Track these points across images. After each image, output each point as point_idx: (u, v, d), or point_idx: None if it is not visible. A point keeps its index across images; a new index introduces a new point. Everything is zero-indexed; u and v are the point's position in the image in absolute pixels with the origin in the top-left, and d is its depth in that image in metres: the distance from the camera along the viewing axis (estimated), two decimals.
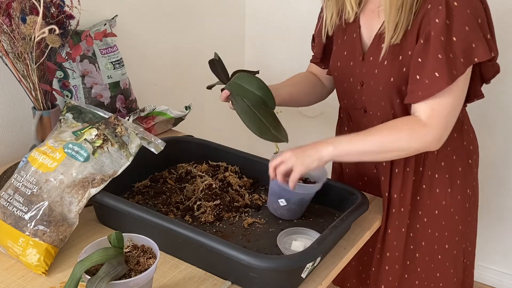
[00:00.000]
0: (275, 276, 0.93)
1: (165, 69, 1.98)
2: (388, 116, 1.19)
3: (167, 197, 1.25)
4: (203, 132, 1.70)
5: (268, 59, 2.41)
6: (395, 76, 1.14)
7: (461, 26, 1.04)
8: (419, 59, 1.08)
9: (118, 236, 0.86)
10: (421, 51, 1.08)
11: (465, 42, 1.05)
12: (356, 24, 1.22)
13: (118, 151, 1.10)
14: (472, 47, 1.05)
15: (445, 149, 1.22)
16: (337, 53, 1.27)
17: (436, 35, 1.05)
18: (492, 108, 1.97)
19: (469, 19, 1.04)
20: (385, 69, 1.15)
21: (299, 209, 1.20)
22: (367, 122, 1.25)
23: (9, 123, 1.46)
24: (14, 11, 1.16)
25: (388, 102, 1.18)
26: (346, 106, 1.31)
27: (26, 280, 0.98)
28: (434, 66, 1.05)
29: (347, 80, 1.25)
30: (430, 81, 1.06)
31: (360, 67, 1.21)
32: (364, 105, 1.24)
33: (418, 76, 1.09)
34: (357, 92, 1.24)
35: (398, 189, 1.24)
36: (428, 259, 1.29)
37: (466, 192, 1.28)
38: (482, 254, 2.22)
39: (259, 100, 1.10)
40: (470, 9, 1.05)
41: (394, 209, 1.25)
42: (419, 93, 1.09)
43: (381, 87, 1.17)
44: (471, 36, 1.05)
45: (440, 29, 1.04)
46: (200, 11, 2.07)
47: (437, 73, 1.05)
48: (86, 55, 1.51)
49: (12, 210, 1.03)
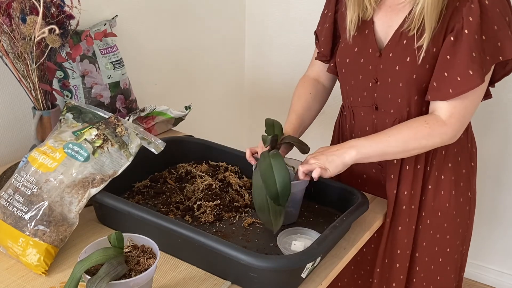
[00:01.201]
0: (275, 276, 0.93)
1: (165, 69, 1.98)
2: (402, 113, 1.19)
3: (167, 197, 1.25)
4: (203, 132, 1.70)
5: (268, 59, 2.41)
6: (418, 72, 1.13)
7: (491, 25, 1.05)
8: (447, 56, 1.08)
9: (118, 236, 0.86)
10: (450, 48, 1.08)
11: (493, 41, 1.06)
12: (369, 21, 1.20)
13: (118, 151, 1.10)
14: (498, 46, 1.06)
15: (453, 150, 1.22)
16: (346, 49, 1.24)
17: (470, 33, 1.05)
18: (491, 107, 1.97)
19: (499, 18, 1.05)
20: (407, 65, 1.13)
21: (294, 210, 1.19)
22: (376, 120, 1.24)
23: (9, 123, 1.46)
24: (14, 11, 1.16)
25: (405, 99, 1.17)
26: (352, 103, 1.29)
27: (26, 280, 0.98)
28: (468, 63, 1.05)
29: (356, 77, 1.24)
30: (462, 79, 1.06)
31: (375, 63, 1.19)
32: (375, 102, 1.22)
33: (446, 73, 1.08)
34: (368, 89, 1.22)
35: (408, 186, 1.23)
36: (427, 260, 1.29)
37: (467, 195, 1.28)
38: (481, 254, 2.22)
39: (274, 192, 1.07)
40: (500, 8, 1.06)
41: (405, 206, 1.24)
42: (449, 91, 1.08)
43: (402, 84, 1.15)
44: (499, 35, 1.06)
45: (475, 28, 1.05)
46: (200, 11, 2.07)
47: (471, 71, 1.06)
48: (86, 55, 1.51)
49: (12, 210, 1.03)
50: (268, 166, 1.09)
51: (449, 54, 1.08)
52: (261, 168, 1.09)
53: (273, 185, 1.07)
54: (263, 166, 1.09)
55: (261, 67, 2.43)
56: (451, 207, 1.25)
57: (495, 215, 2.14)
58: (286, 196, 1.07)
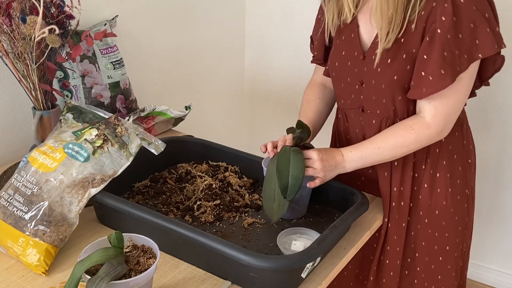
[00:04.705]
0: (275, 276, 0.93)
1: (165, 69, 1.98)
2: (389, 112, 1.20)
3: (167, 197, 1.26)
4: (203, 132, 1.70)
5: (268, 59, 2.41)
6: (399, 74, 1.14)
7: (467, 23, 1.05)
8: (424, 56, 1.09)
9: (118, 236, 0.86)
10: (426, 48, 1.09)
11: (470, 39, 1.06)
12: (354, 24, 1.22)
13: (118, 151, 1.10)
14: (476, 44, 1.06)
15: (447, 147, 1.22)
16: (335, 53, 1.27)
17: (443, 33, 1.06)
18: (490, 106, 1.97)
19: (475, 16, 1.06)
20: (388, 67, 1.15)
21: (302, 206, 1.20)
22: (363, 122, 1.26)
23: (9, 123, 1.46)
24: (14, 11, 1.16)
25: (389, 99, 1.18)
26: (343, 106, 1.31)
27: (26, 280, 0.98)
28: (439, 63, 1.07)
29: (344, 80, 1.26)
30: (434, 78, 1.08)
31: (360, 66, 1.21)
32: (362, 104, 1.24)
33: (423, 73, 1.10)
34: (355, 91, 1.24)
35: (397, 183, 1.25)
36: (428, 259, 1.29)
37: (465, 192, 1.28)
38: (481, 254, 2.22)
39: (285, 184, 1.10)
40: (476, 5, 1.06)
41: (394, 203, 1.25)
42: (423, 90, 1.10)
43: (384, 85, 1.17)
44: (477, 32, 1.06)
45: (447, 27, 1.06)
46: (200, 11, 2.07)
47: (443, 70, 1.07)
48: (86, 55, 1.51)
49: (12, 210, 1.03)
50: (287, 158, 1.12)
51: (426, 53, 1.09)
52: (279, 159, 1.12)
53: (285, 177, 1.10)
54: (282, 157, 1.13)
55: (261, 67, 2.43)
56: (448, 205, 1.25)
57: (495, 215, 2.14)
58: (295, 192, 1.10)
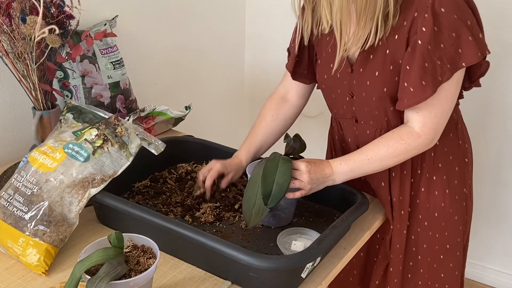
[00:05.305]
0: (275, 276, 0.93)
1: (165, 69, 1.98)
2: (382, 123, 1.20)
3: (167, 197, 1.26)
4: (203, 132, 1.70)
5: (268, 59, 2.41)
6: (388, 85, 1.13)
7: (449, 32, 1.04)
8: (407, 67, 1.08)
9: (118, 236, 0.86)
10: (409, 59, 1.07)
11: (453, 48, 1.05)
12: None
13: (118, 151, 1.10)
14: (459, 52, 1.05)
15: (442, 150, 1.22)
16: (323, 66, 1.25)
17: (423, 44, 1.04)
18: (489, 107, 1.97)
19: (457, 24, 1.04)
20: (377, 80, 1.14)
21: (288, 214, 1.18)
22: (357, 132, 1.25)
23: (9, 123, 1.46)
24: (14, 11, 1.16)
25: (382, 110, 1.18)
26: (336, 116, 1.31)
27: (26, 280, 0.98)
28: (420, 74, 1.05)
29: (335, 92, 1.25)
30: (415, 90, 1.07)
31: (349, 78, 1.19)
32: (354, 115, 1.24)
33: (405, 84, 1.09)
34: (346, 103, 1.23)
35: (397, 192, 1.24)
36: (430, 260, 1.30)
37: (463, 191, 1.28)
38: (481, 254, 2.22)
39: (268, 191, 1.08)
40: (458, 14, 1.04)
41: (395, 212, 1.25)
42: (404, 101, 1.09)
43: (375, 98, 1.16)
44: (459, 41, 1.05)
45: (428, 38, 1.04)
46: (200, 11, 2.07)
47: (424, 81, 1.05)
48: (86, 55, 1.51)
49: (12, 210, 1.03)
50: (275, 165, 1.09)
51: (408, 64, 1.08)
52: (266, 165, 1.09)
53: (270, 183, 1.08)
54: (270, 163, 1.10)
55: (261, 67, 2.43)
56: (447, 206, 1.25)
57: (495, 215, 2.14)
58: (277, 200, 1.07)
